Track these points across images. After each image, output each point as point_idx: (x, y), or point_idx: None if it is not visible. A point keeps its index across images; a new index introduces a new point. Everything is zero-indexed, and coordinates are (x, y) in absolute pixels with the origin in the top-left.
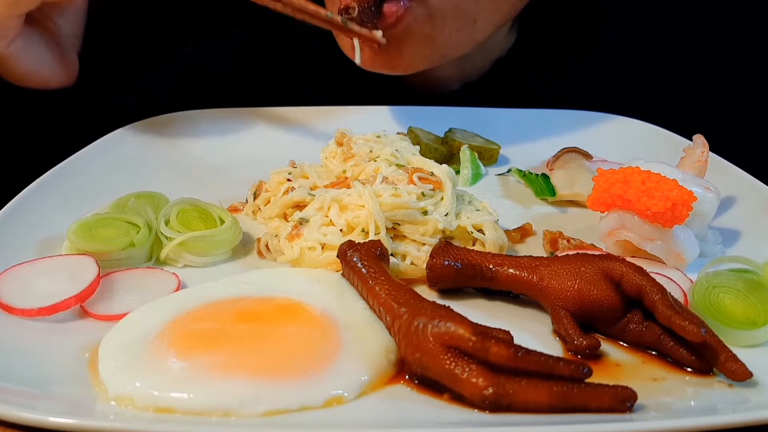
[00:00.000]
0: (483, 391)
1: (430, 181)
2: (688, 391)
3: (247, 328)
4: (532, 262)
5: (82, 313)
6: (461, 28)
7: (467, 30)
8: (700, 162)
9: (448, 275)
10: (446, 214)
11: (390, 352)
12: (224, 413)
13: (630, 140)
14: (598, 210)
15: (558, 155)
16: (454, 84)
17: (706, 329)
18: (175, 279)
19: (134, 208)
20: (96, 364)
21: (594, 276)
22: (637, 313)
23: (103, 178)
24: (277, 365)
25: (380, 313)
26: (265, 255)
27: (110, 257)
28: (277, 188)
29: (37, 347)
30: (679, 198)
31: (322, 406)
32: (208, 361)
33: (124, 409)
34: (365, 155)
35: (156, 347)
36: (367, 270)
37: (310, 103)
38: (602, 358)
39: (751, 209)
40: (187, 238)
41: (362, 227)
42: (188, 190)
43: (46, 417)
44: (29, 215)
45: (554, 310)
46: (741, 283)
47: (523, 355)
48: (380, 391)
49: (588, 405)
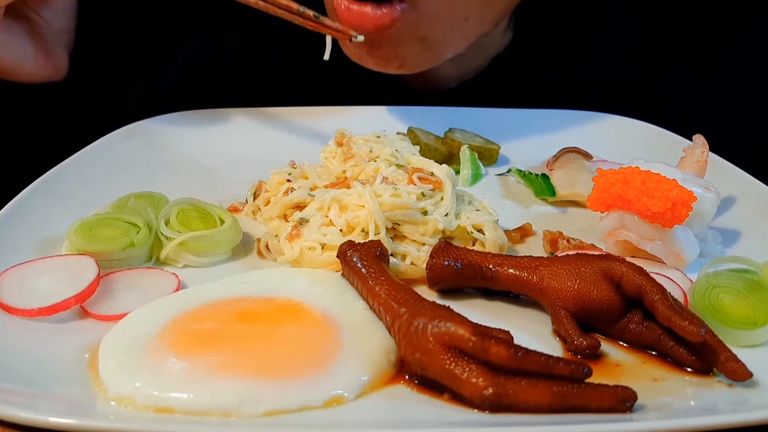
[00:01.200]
0: (483, 391)
1: (430, 181)
2: (688, 391)
3: (247, 328)
4: (532, 262)
5: (82, 313)
6: (454, 28)
7: (459, 29)
8: (700, 162)
9: (448, 275)
10: (446, 214)
11: (390, 352)
12: (224, 413)
13: (630, 140)
14: (598, 210)
15: (558, 155)
16: (452, 82)
17: (706, 329)
18: (175, 279)
19: (134, 208)
20: (96, 364)
21: (594, 276)
22: (637, 313)
23: (103, 178)
24: (277, 365)
25: (380, 313)
26: (265, 255)
27: (110, 257)
28: (277, 188)
29: (37, 347)
30: (679, 198)
31: (322, 406)
32: (208, 361)
33: (124, 409)
34: (365, 155)
35: (156, 347)
36: (367, 270)
37: (310, 103)
38: (602, 358)
39: (751, 209)
40: (187, 238)
41: (362, 227)
42: (188, 190)
43: (46, 417)
44: (29, 215)
45: (554, 310)
46: (741, 283)
47: (523, 355)
48: (380, 391)
49: (588, 405)
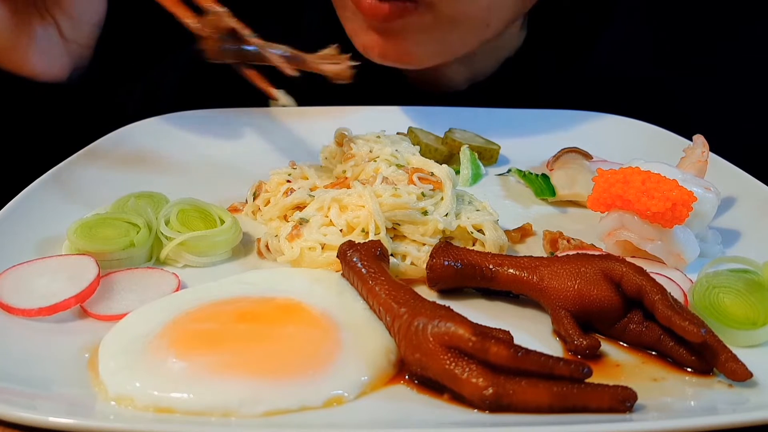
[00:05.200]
0: (483, 391)
1: (430, 181)
2: (688, 391)
3: (247, 328)
4: (532, 263)
5: (82, 313)
6: (472, 31)
7: (480, 33)
8: (700, 162)
9: (448, 275)
10: (446, 214)
11: (390, 352)
12: (224, 413)
13: (630, 140)
14: (598, 210)
15: (558, 155)
16: (462, 85)
17: (706, 329)
18: (175, 279)
19: (134, 208)
20: (96, 364)
21: (594, 276)
22: (637, 314)
23: (103, 178)
24: (277, 365)
25: (380, 313)
26: (265, 255)
27: (110, 257)
28: (277, 189)
29: (37, 347)
30: (679, 198)
31: (322, 406)
32: (208, 361)
33: (124, 409)
34: (365, 155)
35: (156, 347)
36: (367, 270)
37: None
38: (602, 358)
39: (751, 209)
40: (187, 238)
41: (362, 227)
42: (188, 190)
43: (46, 417)
44: (29, 215)
45: (554, 311)
46: (741, 284)
47: (523, 355)
48: (380, 391)
49: (588, 405)
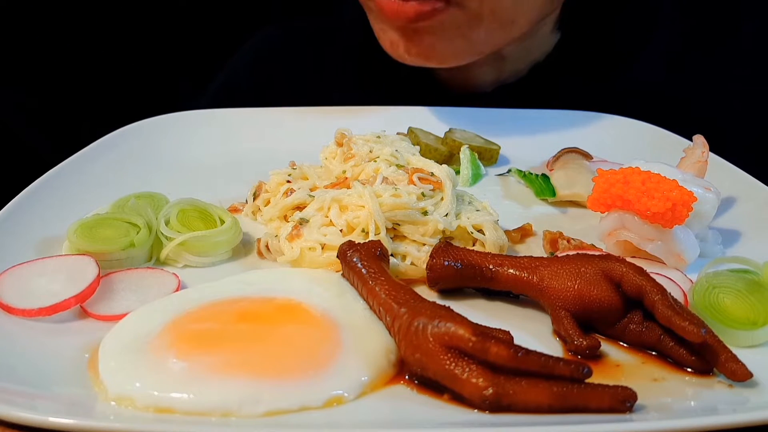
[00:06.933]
0: (483, 391)
1: (430, 181)
2: (688, 391)
3: (247, 328)
4: (532, 263)
5: (82, 313)
6: (498, 29)
7: (506, 30)
8: (700, 162)
9: (448, 275)
10: (446, 214)
11: (390, 352)
12: (224, 413)
13: (630, 140)
14: (598, 210)
15: (558, 155)
16: (490, 86)
17: (706, 329)
18: (175, 279)
19: (134, 208)
20: (96, 364)
21: (594, 276)
22: (637, 314)
23: (103, 178)
24: (277, 365)
25: (380, 313)
26: (265, 255)
27: (110, 257)
28: (277, 189)
29: (37, 347)
30: (679, 198)
31: (322, 406)
32: (208, 361)
33: (124, 409)
34: (365, 155)
35: (156, 347)
36: (367, 270)
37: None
38: (602, 358)
39: (751, 209)
40: (187, 239)
41: (362, 227)
42: (188, 190)
43: (46, 417)
44: (29, 215)
45: (554, 311)
46: (741, 284)
47: (523, 356)
48: (380, 391)
49: (588, 405)
